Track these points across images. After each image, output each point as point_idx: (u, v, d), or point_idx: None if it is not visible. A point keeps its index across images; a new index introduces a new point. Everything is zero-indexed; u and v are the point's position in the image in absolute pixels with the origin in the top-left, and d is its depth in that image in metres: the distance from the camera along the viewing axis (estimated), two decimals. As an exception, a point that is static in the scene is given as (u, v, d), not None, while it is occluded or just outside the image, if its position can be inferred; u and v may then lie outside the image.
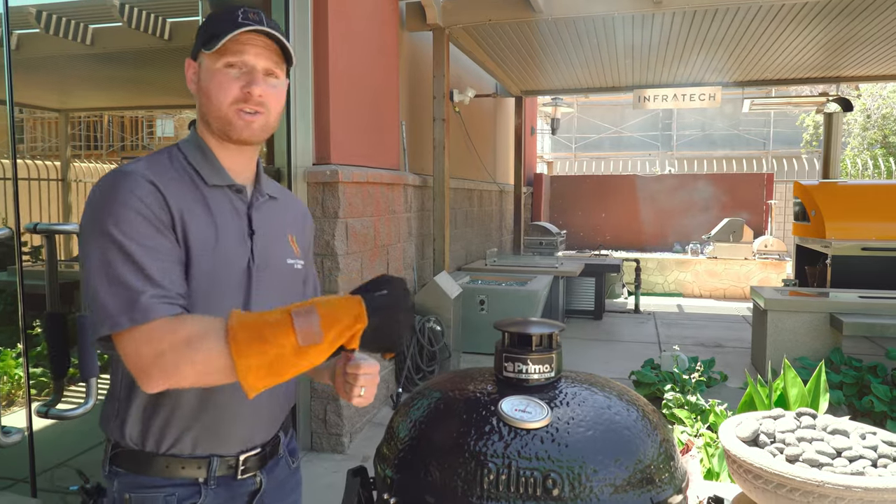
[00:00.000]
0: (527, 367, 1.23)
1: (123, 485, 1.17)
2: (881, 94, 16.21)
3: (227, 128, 1.19)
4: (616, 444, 1.12)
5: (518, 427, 1.13)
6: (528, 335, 1.25)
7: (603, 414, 1.17)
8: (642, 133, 21.91)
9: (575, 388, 1.24)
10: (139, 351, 1.00)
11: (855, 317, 4.09)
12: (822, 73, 7.23)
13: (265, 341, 0.97)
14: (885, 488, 1.65)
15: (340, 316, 1.01)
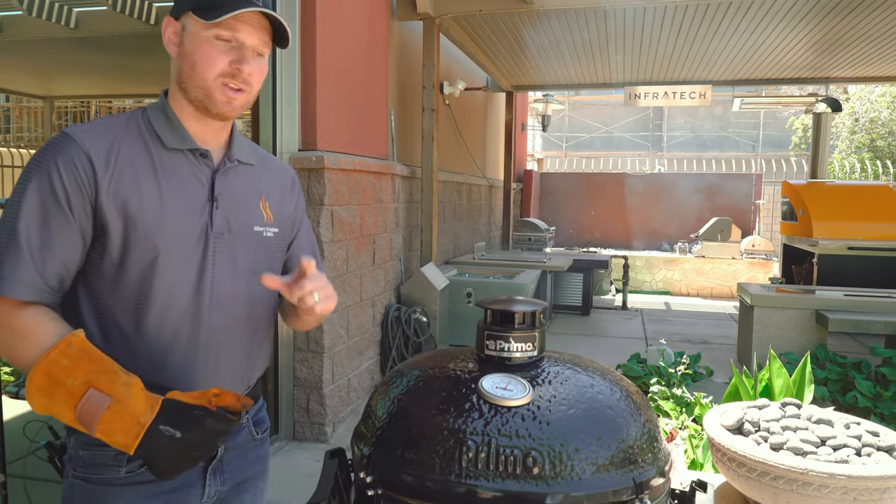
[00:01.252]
0: (509, 344, 1.20)
1: (79, 442, 1.16)
2: (869, 98, 16.34)
3: (207, 100, 1.16)
4: (599, 422, 1.10)
5: (498, 405, 1.10)
6: (511, 312, 1.22)
7: (586, 392, 1.14)
8: (633, 133, 21.99)
9: (558, 368, 1.21)
10: None
11: (840, 313, 4.11)
12: (812, 74, 7.26)
13: (51, 398, 1.02)
14: (868, 476, 1.64)
15: (117, 429, 1.04)
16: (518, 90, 8.64)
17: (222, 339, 1.23)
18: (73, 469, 1.17)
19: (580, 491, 1.03)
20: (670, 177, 11.84)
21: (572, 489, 1.03)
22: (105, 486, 1.15)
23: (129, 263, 1.12)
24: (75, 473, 1.16)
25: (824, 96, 7.21)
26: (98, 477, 1.16)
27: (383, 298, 4.18)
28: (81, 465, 1.16)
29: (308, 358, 3.33)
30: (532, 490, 1.03)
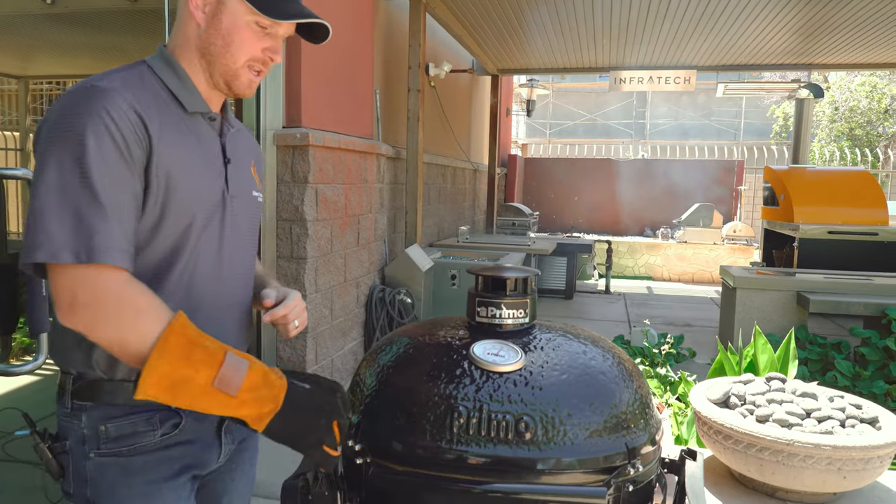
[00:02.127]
0: (500, 311, 1.18)
1: (95, 418, 1.08)
2: (849, 87, 16.52)
3: (232, 80, 1.16)
4: (591, 388, 1.09)
5: (490, 370, 1.08)
6: (503, 279, 1.20)
7: (578, 359, 1.13)
8: (616, 121, 22.06)
9: (549, 335, 1.20)
10: (75, 290, 0.96)
11: (821, 295, 4.15)
12: (795, 60, 7.30)
13: (187, 359, 0.96)
14: (852, 446, 1.66)
15: (262, 386, 0.99)
16: (504, 74, 8.59)
17: (235, 301, 1.23)
18: (96, 447, 1.09)
19: (573, 456, 1.02)
20: (653, 163, 11.89)
21: (565, 454, 1.02)
22: (142, 454, 1.10)
23: (164, 228, 1.08)
24: (100, 451, 1.09)
25: (807, 82, 7.26)
26: (132, 447, 1.10)
27: (367, 279, 4.15)
28: (107, 441, 1.09)
29: (291, 339, 3.29)
30: (524, 455, 1.01)
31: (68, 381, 1.11)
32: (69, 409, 1.10)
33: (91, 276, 0.95)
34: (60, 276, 0.96)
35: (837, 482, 1.69)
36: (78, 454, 1.09)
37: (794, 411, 1.80)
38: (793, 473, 1.70)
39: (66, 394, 1.10)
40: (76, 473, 1.10)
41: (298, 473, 1.13)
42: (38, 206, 0.95)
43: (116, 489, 1.09)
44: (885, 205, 6.53)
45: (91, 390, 1.09)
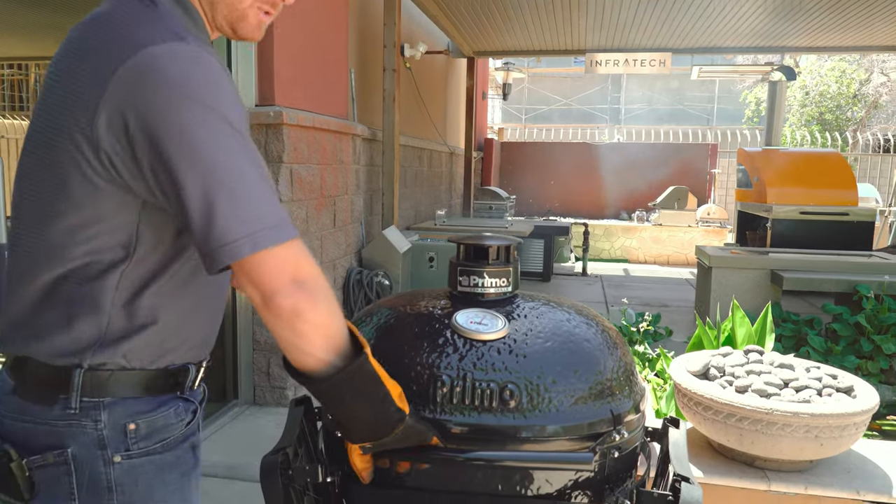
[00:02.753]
0: (483, 280, 1.16)
1: (119, 415, 0.94)
2: (819, 71, 16.76)
3: (238, 22, 1.04)
4: (575, 354, 1.07)
5: (473, 339, 1.06)
6: (485, 247, 1.18)
7: (562, 326, 1.12)
8: (591, 106, 22.15)
9: (533, 304, 1.18)
10: (299, 265, 0.85)
11: (794, 273, 4.22)
12: (768, 42, 7.36)
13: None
14: (830, 413, 1.68)
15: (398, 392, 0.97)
16: (480, 56, 8.53)
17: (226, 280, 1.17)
18: (124, 449, 0.94)
19: (558, 423, 1.01)
20: (628, 146, 11.96)
21: (550, 421, 1.01)
22: (173, 448, 1.01)
23: None
24: (131, 452, 0.95)
25: (779, 65, 7.33)
26: (164, 442, 0.99)
27: (344, 262, 4.11)
28: (138, 440, 0.96)
29: (268, 320, 3.25)
30: (509, 423, 1.00)
31: (73, 375, 0.92)
32: (76, 409, 0.92)
33: (303, 249, 0.87)
34: (277, 255, 0.84)
35: (815, 449, 1.71)
36: (91, 461, 0.93)
37: (772, 381, 1.81)
38: (771, 442, 1.72)
39: (71, 391, 0.92)
40: (92, 485, 0.93)
41: (277, 448, 1.10)
42: (206, 190, 0.82)
43: (155, 491, 0.98)
44: (855, 186, 6.65)
45: (114, 383, 0.94)
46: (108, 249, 0.90)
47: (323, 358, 0.86)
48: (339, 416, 0.93)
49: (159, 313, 0.96)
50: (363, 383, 0.89)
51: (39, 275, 0.92)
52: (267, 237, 0.82)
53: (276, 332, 0.86)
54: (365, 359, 0.88)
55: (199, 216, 0.82)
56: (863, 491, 1.76)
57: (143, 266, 0.92)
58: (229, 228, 0.82)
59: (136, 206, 0.89)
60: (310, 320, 0.84)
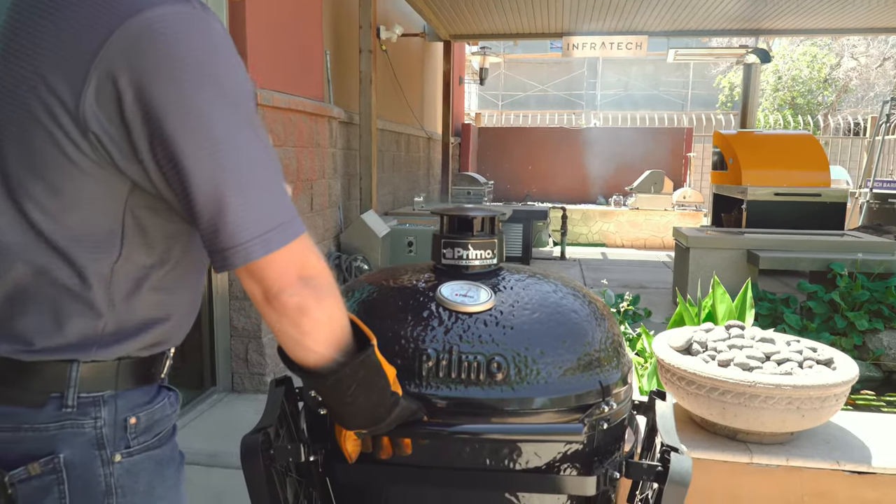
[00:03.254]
0: (467, 252, 1.14)
1: (121, 409, 0.85)
2: (791, 56, 16.97)
3: None
4: (563, 326, 1.05)
5: (459, 311, 1.04)
6: (469, 218, 1.15)
7: (549, 298, 1.10)
8: (567, 92, 22.20)
9: (518, 276, 1.16)
10: (306, 260, 0.79)
11: (770, 252, 4.26)
12: (743, 25, 7.40)
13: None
14: (811, 385, 1.69)
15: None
16: (456, 39, 8.46)
17: None
18: (124, 446, 0.86)
19: (546, 395, 0.99)
20: (605, 131, 11.99)
21: (538, 393, 0.99)
22: (167, 441, 0.93)
23: None
24: (131, 449, 0.86)
25: (754, 48, 7.38)
26: (160, 435, 0.91)
27: (322, 247, 4.05)
28: (138, 434, 0.87)
29: (245, 307, 3.19)
30: (497, 396, 0.98)
31: (70, 370, 0.82)
32: (72, 407, 0.82)
33: (310, 243, 0.81)
34: (286, 253, 0.78)
35: (796, 421, 1.73)
36: (87, 465, 0.83)
37: (754, 355, 1.82)
38: (754, 414, 1.73)
39: (67, 387, 0.82)
40: (87, 491, 0.83)
41: (258, 429, 1.07)
42: (218, 182, 0.73)
43: (156, 489, 0.89)
44: (828, 167, 6.74)
45: (115, 374, 0.85)
46: (91, 240, 0.79)
47: (325, 354, 0.82)
48: (339, 408, 0.88)
49: (170, 308, 0.89)
50: (367, 375, 0.85)
51: (11, 267, 0.80)
52: (278, 237, 0.76)
53: (276, 328, 0.81)
54: (372, 351, 0.85)
55: (208, 212, 0.74)
56: (842, 461, 1.78)
57: (138, 258, 0.82)
58: (240, 229, 0.74)
59: (125, 191, 0.78)
60: (314, 317, 0.79)
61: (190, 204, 0.74)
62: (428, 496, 1.04)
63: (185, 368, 3.12)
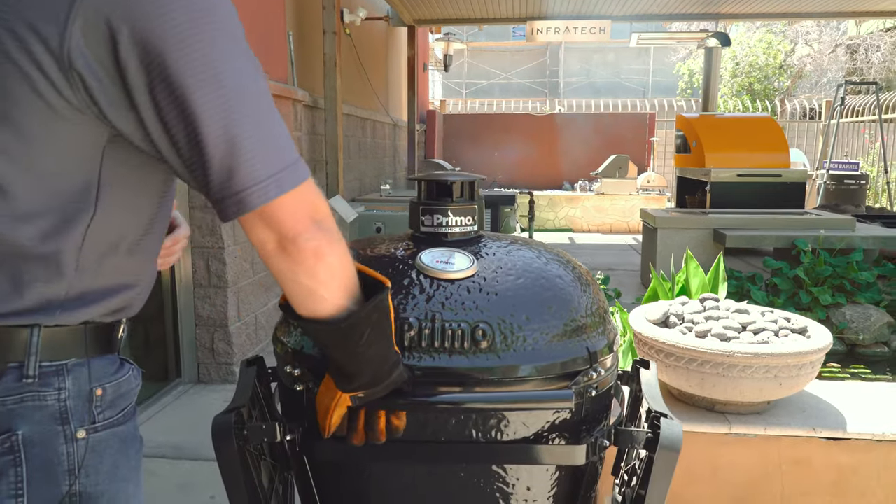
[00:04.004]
0: (447, 218, 1.09)
1: (85, 378, 0.78)
2: (748, 42, 17.29)
3: None
4: (549, 291, 1.01)
5: (440, 278, 0.99)
6: (448, 183, 1.10)
7: (532, 263, 1.06)
8: (531, 80, 22.29)
9: (500, 243, 1.12)
10: (316, 204, 0.75)
11: (736, 231, 4.32)
12: (703, 9, 7.47)
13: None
14: (788, 353, 1.69)
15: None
16: (420, 24, 8.36)
17: None
18: (90, 421, 0.78)
19: (534, 362, 0.95)
20: (569, 117, 12.04)
21: (525, 360, 0.95)
22: (131, 418, 0.86)
23: None
24: (96, 425, 0.79)
25: (714, 32, 7.47)
26: (125, 410, 0.84)
27: (290, 233, 3.96)
28: (104, 408, 0.80)
29: (210, 294, 3.09)
30: (483, 365, 0.93)
31: (30, 335, 0.74)
32: (34, 378, 0.74)
33: (316, 186, 0.76)
34: (299, 194, 0.73)
35: (773, 389, 1.73)
36: (48, 442, 0.75)
37: (731, 325, 1.82)
38: (732, 384, 1.73)
39: (28, 355, 0.74)
40: (47, 472, 0.75)
41: (231, 408, 1.01)
42: (230, 127, 0.68)
43: (119, 470, 0.82)
44: (787, 149, 6.88)
45: (79, 339, 0.78)
46: (64, 197, 0.72)
47: (338, 303, 0.77)
48: (349, 359, 0.82)
49: (140, 275, 0.82)
50: (380, 319, 0.81)
51: None
52: (290, 177, 0.71)
53: (289, 278, 0.75)
54: (387, 294, 0.81)
55: (220, 153, 0.68)
56: (818, 428, 1.79)
57: (114, 218, 0.76)
58: (256, 169, 0.69)
59: (101, 142, 0.72)
60: (328, 263, 0.75)
61: (198, 147, 0.68)
62: (411, 473, 0.99)
63: (149, 360, 3.01)
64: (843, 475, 1.81)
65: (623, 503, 1.19)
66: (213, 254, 3.03)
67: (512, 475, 0.99)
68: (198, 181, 0.71)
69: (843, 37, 18.15)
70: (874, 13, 8.01)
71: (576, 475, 1.05)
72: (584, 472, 1.05)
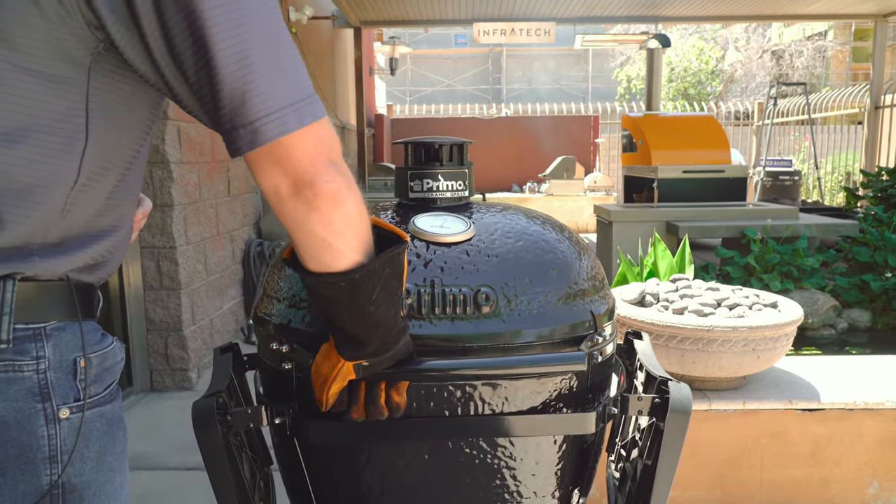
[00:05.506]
0: (438, 183, 1.03)
1: (66, 345, 0.68)
2: (682, 48, 17.93)
3: None
4: (550, 253, 0.97)
5: (437, 242, 0.93)
6: (437, 146, 1.05)
7: (529, 227, 1.01)
8: (474, 87, 22.50)
9: (492, 209, 1.07)
10: (333, 146, 0.67)
11: (688, 222, 4.42)
12: (644, 12, 7.66)
13: None
14: (765, 325, 1.70)
15: None
16: (366, 26, 8.28)
17: None
18: (73, 398, 0.68)
19: (538, 325, 0.90)
20: (516, 120, 12.17)
21: (530, 324, 0.90)
22: (116, 399, 0.76)
23: None
24: (81, 403, 0.69)
25: (654, 34, 7.67)
26: (111, 388, 0.74)
27: (242, 233, 3.81)
28: (89, 384, 0.70)
29: (162, 297, 2.93)
30: (487, 330, 0.88)
31: (3, 290, 0.64)
32: (7, 344, 0.63)
33: (321, 126, 0.67)
34: (317, 131, 0.65)
35: (752, 363, 1.74)
36: (24, 423, 0.65)
37: (706, 302, 1.82)
38: (712, 359, 1.73)
39: (2, 314, 0.63)
40: (23, 460, 0.65)
41: (211, 393, 0.92)
42: (246, 58, 0.60)
43: (106, 458, 0.72)
44: (728, 146, 7.12)
45: (59, 297, 0.67)
46: (49, 117, 0.63)
47: (353, 257, 0.69)
48: (358, 320, 0.73)
49: (122, 218, 0.74)
50: (392, 275, 0.73)
51: None
52: (309, 110, 0.64)
53: (302, 228, 0.67)
54: (404, 249, 0.74)
55: (232, 77, 0.60)
56: (794, 399, 1.81)
57: (105, 148, 0.67)
58: (271, 96, 0.61)
59: (87, 58, 0.62)
60: (347, 211, 0.67)
61: (208, 67, 0.59)
62: (412, 451, 0.93)
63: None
64: (819, 446, 1.84)
65: (623, 479, 1.15)
66: (165, 254, 2.87)
67: (519, 449, 0.94)
68: (204, 108, 0.62)
69: (769, 43, 19.04)
70: (802, 16, 8.39)
71: (582, 448, 1.00)
72: (592, 445, 1.01)
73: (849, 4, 7.42)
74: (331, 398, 0.79)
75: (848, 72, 19.30)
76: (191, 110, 0.65)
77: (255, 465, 1.06)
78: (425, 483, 0.94)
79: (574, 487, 1.03)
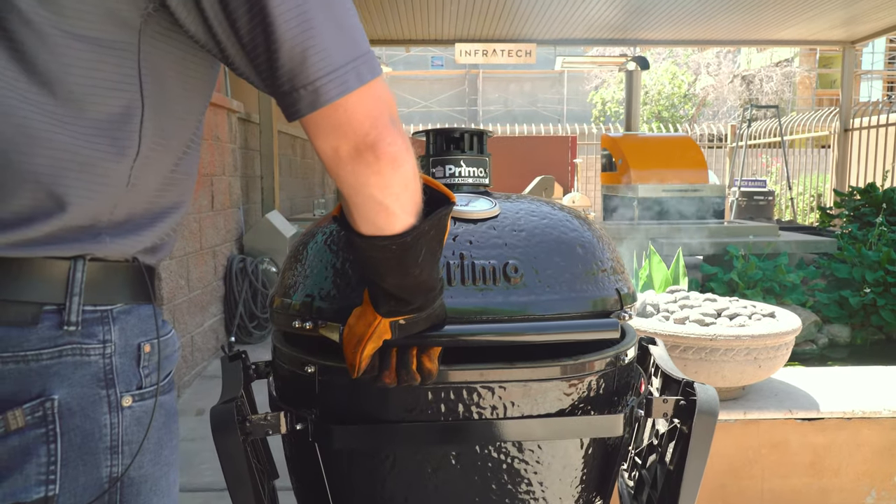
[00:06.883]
0: (460, 168, 1.02)
1: (132, 329, 0.64)
2: (655, 72, 18.32)
3: None
4: (575, 232, 0.96)
5: (465, 217, 0.91)
6: (458, 134, 1.03)
7: (553, 212, 1.00)
8: (450, 108, 22.68)
9: (513, 196, 1.05)
10: (391, 105, 0.63)
11: (672, 239, 4.45)
12: (623, 35, 7.82)
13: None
14: (767, 334, 1.70)
15: None
16: (347, 46, 8.31)
17: None
18: (136, 385, 0.65)
19: (568, 298, 0.88)
20: (494, 140, 12.23)
21: (558, 296, 0.87)
22: (173, 388, 0.73)
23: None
24: (143, 391, 0.65)
25: (633, 56, 7.83)
26: (169, 376, 0.71)
27: (224, 249, 3.74)
28: (151, 371, 0.67)
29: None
30: (517, 300, 0.85)
31: (73, 270, 0.60)
32: (76, 326, 0.59)
33: (378, 86, 0.63)
34: (376, 90, 0.61)
35: (753, 372, 1.73)
36: (89, 410, 0.60)
37: (707, 312, 1.82)
38: (715, 368, 1.72)
39: (70, 295, 0.59)
40: (85, 449, 0.60)
41: (228, 399, 0.87)
42: (306, 18, 0.57)
43: (163, 451, 0.68)
44: (706, 165, 7.25)
45: (126, 279, 0.64)
46: (105, 84, 0.59)
47: (407, 220, 0.66)
48: (402, 279, 0.71)
49: (184, 194, 0.71)
50: (437, 236, 0.71)
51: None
52: (368, 67, 0.60)
53: (362, 192, 0.63)
54: (451, 209, 0.71)
55: (291, 35, 0.56)
56: (794, 409, 1.81)
57: (161, 119, 0.64)
58: (331, 54, 0.58)
59: (138, 20, 0.59)
60: (404, 173, 0.63)
61: (264, 25, 0.56)
62: (438, 456, 0.89)
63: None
64: (818, 455, 1.83)
65: (640, 486, 1.12)
66: (147, 266, 2.80)
67: (546, 453, 0.90)
68: (257, 69, 0.58)
69: (739, 69, 19.57)
70: (775, 42, 8.64)
71: (606, 452, 0.97)
72: (615, 449, 0.98)
73: (820, 31, 7.66)
74: (364, 359, 0.74)
75: (814, 97, 19.90)
76: (242, 72, 0.61)
77: (263, 477, 1.01)
78: (451, 490, 0.90)
79: (597, 494, 1.00)
